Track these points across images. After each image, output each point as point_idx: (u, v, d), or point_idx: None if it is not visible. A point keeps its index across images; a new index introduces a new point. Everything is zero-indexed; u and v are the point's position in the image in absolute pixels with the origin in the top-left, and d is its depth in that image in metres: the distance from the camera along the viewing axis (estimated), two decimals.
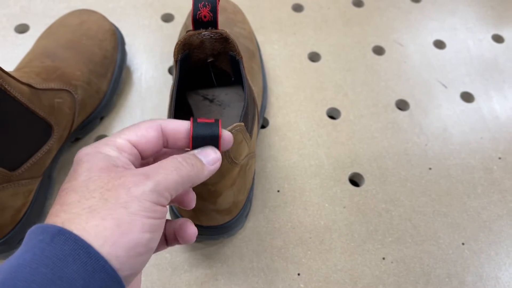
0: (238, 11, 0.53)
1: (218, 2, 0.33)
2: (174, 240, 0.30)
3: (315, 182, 0.47)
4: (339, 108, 0.53)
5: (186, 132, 0.27)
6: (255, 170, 0.45)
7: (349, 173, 0.48)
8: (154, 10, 0.60)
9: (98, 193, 0.23)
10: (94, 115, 0.48)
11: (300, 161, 0.48)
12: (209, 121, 0.28)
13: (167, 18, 0.60)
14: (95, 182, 0.23)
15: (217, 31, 0.35)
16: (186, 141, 0.27)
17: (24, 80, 0.37)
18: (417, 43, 0.59)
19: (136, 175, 0.24)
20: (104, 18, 0.51)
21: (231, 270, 0.42)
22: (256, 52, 0.51)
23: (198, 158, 0.27)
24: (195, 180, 0.27)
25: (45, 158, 0.41)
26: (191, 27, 0.37)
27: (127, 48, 0.55)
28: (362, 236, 0.44)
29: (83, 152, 0.25)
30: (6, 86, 0.33)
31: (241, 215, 0.41)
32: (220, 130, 0.28)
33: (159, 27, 0.59)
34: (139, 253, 0.23)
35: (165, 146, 0.28)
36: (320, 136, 0.50)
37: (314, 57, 0.58)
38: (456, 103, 0.54)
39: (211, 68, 0.41)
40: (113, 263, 0.21)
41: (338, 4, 0.63)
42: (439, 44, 0.60)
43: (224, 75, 0.42)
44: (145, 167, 0.25)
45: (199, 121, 0.28)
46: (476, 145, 0.51)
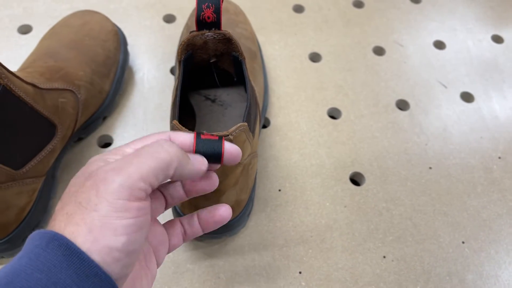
0: (239, 12, 0.53)
1: (221, 3, 0.33)
2: (193, 234, 0.30)
3: (316, 181, 0.47)
4: (339, 108, 0.53)
5: (191, 146, 0.27)
6: (257, 169, 0.45)
7: (350, 172, 0.48)
8: (156, 11, 0.61)
9: (74, 197, 0.23)
10: (97, 115, 0.48)
11: (301, 160, 0.49)
12: (213, 138, 0.28)
13: (169, 19, 0.60)
14: (74, 186, 0.23)
15: (221, 32, 0.35)
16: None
17: (28, 80, 0.37)
18: (417, 43, 0.60)
19: (107, 171, 0.23)
20: (106, 18, 0.52)
21: (233, 268, 0.42)
22: (258, 53, 0.51)
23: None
24: (182, 163, 0.25)
25: (49, 157, 0.41)
26: (192, 28, 0.38)
27: (129, 48, 0.55)
28: (363, 235, 0.44)
29: (90, 159, 0.26)
30: (11, 86, 0.34)
31: (244, 214, 0.42)
32: (223, 148, 0.28)
33: (161, 27, 0.59)
34: (116, 258, 0.21)
35: None
36: (321, 135, 0.51)
37: (314, 57, 0.58)
38: (456, 103, 0.54)
39: (213, 69, 0.41)
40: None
41: (339, 5, 0.63)
42: (439, 45, 0.60)
43: (226, 75, 0.42)
44: (121, 159, 0.24)
45: (202, 137, 0.28)
46: (476, 144, 0.51)
